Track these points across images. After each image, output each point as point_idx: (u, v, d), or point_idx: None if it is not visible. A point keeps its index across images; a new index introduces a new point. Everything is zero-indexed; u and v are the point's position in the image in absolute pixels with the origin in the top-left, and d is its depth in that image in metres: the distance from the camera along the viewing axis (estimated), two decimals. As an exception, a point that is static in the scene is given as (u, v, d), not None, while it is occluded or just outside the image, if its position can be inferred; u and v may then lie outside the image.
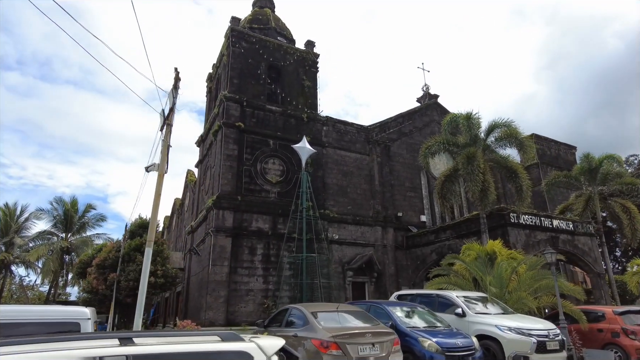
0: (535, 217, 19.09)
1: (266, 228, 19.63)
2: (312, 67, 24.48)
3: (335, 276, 20.80)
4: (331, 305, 8.86)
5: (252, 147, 20.76)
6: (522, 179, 16.64)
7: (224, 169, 19.58)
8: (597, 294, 20.47)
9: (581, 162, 22.12)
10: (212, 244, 18.29)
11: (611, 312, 12.08)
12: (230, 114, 20.63)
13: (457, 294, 11.29)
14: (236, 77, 21.79)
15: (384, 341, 7.45)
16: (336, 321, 7.99)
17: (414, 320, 9.47)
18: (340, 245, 21.49)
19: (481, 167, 16.31)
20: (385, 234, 22.90)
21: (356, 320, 8.25)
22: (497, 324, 9.52)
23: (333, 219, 21.58)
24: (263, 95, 22.29)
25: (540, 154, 30.37)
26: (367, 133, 24.63)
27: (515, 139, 16.91)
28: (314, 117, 22.94)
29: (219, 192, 19.14)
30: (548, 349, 9.17)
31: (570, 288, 12.55)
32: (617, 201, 21.67)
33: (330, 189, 22.37)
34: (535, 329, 9.41)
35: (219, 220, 18.61)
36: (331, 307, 8.68)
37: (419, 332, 8.72)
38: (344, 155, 23.49)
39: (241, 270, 18.67)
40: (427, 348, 8.28)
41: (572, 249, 19.98)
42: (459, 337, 8.88)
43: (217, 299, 17.66)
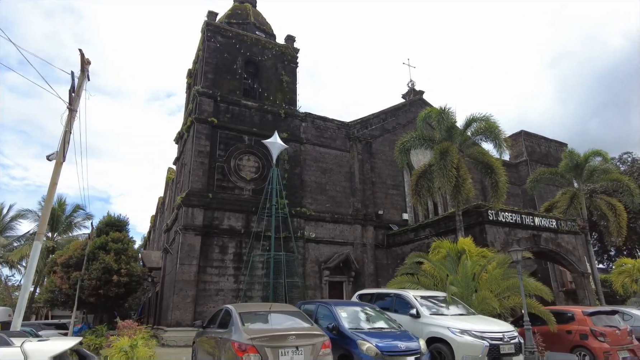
0: (515, 215, 18.46)
1: (239, 226, 19.12)
2: (291, 62, 23.95)
3: (311, 275, 20.29)
4: (265, 305, 8.32)
5: (225, 144, 20.26)
6: (499, 174, 16.02)
7: (194, 165, 19.10)
8: (581, 294, 19.80)
9: (565, 158, 21.45)
10: (180, 243, 17.80)
11: (580, 313, 11.46)
12: (203, 109, 20.14)
13: (414, 293, 10.73)
14: (211, 72, 21.31)
15: (311, 344, 6.91)
16: (264, 322, 7.47)
17: (359, 322, 8.92)
18: (317, 243, 20.95)
19: (454, 162, 15.71)
20: (365, 233, 22.33)
21: (289, 321, 7.70)
22: (450, 325, 8.95)
23: (310, 217, 21.05)
24: (239, 91, 21.80)
25: (529, 151, 29.73)
26: (347, 129, 24.08)
27: (491, 133, 16.28)
28: (292, 112, 22.42)
29: (188, 190, 18.66)
30: (502, 352, 8.59)
31: (538, 288, 11.93)
32: (603, 198, 21.00)
33: (309, 186, 21.83)
34: (490, 331, 8.83)
35: (187, 218, 18.11)
36: (264, 307, 8.14)
37: (360, 334, 8.16)
38: (324, 152, 22.95)
39: (211, 270, 18.17)
40: (366, 351, 7.72)
41: (555, 247, 19.33)
42: (404, 339, 8.31)
43: (184, 299, 17.17)
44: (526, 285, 11.12)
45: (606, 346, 10.74)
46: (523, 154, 29.52)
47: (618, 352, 10.84)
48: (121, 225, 18.80)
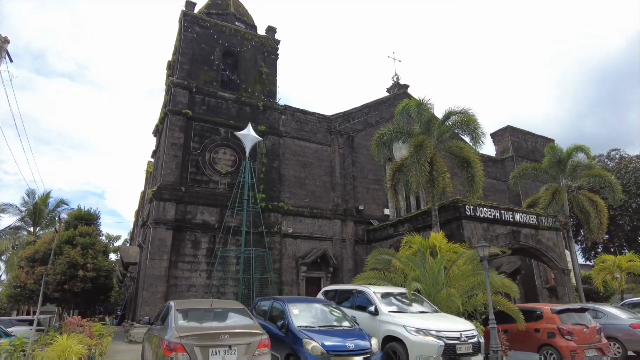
0: (494, 210, 18.14)
1: (212, 221, 18.69)
2: (271, 53, 23.45)
3: (288, 271, 19.93)
4: (206, 302, 7.92)
5: (200, 136, 19.79)
6: (475, 168, 15.65)
7: (167, 158, 18.63)
8: (561, 291, 19.53)
9: (548, 153, 21.11)
10: (151, 237, 17.37)
11: (549, 311, 11.15)
12: (178, 100, 19.64)
13: (375, 290, 10.36)
14: (187, 62, 20.79)
15: (246, 343, 6.52)
16: (201, 320, 7.07)
17: (311, 319, 8.54)
18: (294, 239, 20.56)
19: (428, 155, 15.32)
20: (345, 228, 21.96)
21: (229, 318, 7.32)
22: (406, 324, 8.58)
23: (288, 212, 20.64)
24: (216, 82, 21.29)
25: (515, 146, 29.39)
26: (329, 123, 23.64)
27: (468, 127, 15.88)
28: (271, 105, 21.94)
29: (160, 183, 18.20)
30: (458, 352, 8.24)
31: (505, 285, 11.59)
32: (585, 194, 20.70)
33: (287, 180, 21.41)
34: (447, 330, 8.47)
35: (159, 212, 17.66)
36: (205, 303, 7.75)
37: (308, 333, 7.78)
38: (304, 146, 22.51)
39: (183, 265, 17.76)
40: (310, 351, 7.36)
41: (536, 244, 19.03)
42: (355, 338, 7.96)
43: (154, 294, 16.75)
44: (492, 282, 10.75)
45: (573, 345, 10.43)
46: (509, 150, 29.17)
47: (585, 351, 10.54)
48: (91, 219, 18.34)
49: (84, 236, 16.63)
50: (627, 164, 30.98)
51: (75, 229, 16.52)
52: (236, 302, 8.51)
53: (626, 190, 30.44)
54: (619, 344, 12.51)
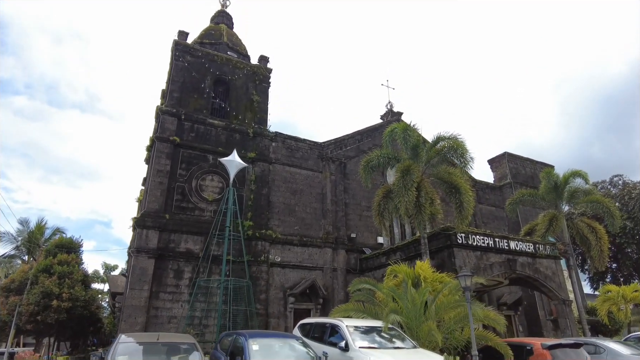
0: (488, 238, 17.45)
1: (197, 249, 18.18)
2: (263, 81, 23.58)
3: (275, 302, 19.17)
4: (153, 336, 7.36)
5: (188, 163, 19.60)
6: (464, 194, 15.13)
7: (152, 185, 18.38)
8: (562, 323, 18.50)
9: (543, 179, 20.52)
10: (132, 266, 16.89)
11: (539, 346, 10.32)
12: (166, 127, 19.59)
13: (349, 323, 9.70)
14: (177, 90, 20.91)
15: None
16: (143, 355, 6.51)
17: (271, 356, 7.90)
18: (283, 268, 19.91)
19: (415, 181, 14.88)
20: (336, 257, 21.28)
21: (174, 354, 6.74)
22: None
23: (277, 240, 20.09)
24: (206, 109, 21.32)
25: (513, 173, 28.81)
26: (320, 150, 23.41)
27: (455, 152, 15.48)
28: (261, 132, 21.82)
29: (144, 210, 17.88)
30: (428, 392, 7.51)
31: (490, 317, 10.82)
32: (584, 221, 19.93)
33: (276, 207, 20.98)
34: (417, 367, 7.77)
35: (141, 240, 17.23)
36: (153, 337, 7.20)
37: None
38: (294, 172, 22.20)
39: (164, 295, 17.14)
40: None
41: (533, 273, 18.18)
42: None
43: (133, 326, 16.05)
44: (475, 314, 10.03)
45: (566, 384, 9.59)
46: (507, 176, 28.59)
47: (580, 391, 9.67)
48: (73, 247, 17.93)
49: (62, 265, 16.20)
50: (630, 190, 30.13)
51: (55, 257, 16.10)
52: (187, 336, 7.93)
53: (631, 217, 29.53)
54: (621, 383, 11.54)
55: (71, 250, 17.67)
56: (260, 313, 18.53)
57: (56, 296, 15.01)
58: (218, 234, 16.18)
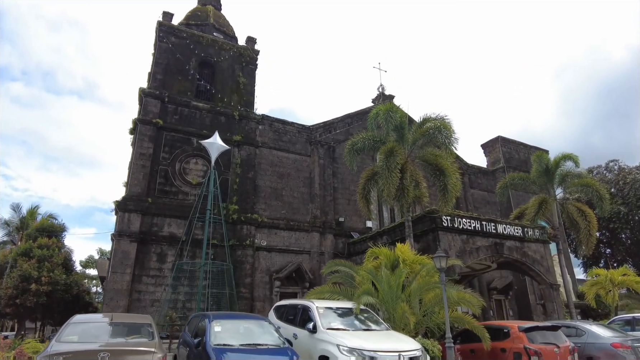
0: (474, 221, 17.22)
1: (180, 233, 17.97)
2: (250, 63, 23.10)
3: (260, 286, 19.05)
4: (108, 316, 7.14)
5: (171, 146, 19.28)
6: (448, 177, 14.80)
7: (135, 168, 18.10)
8: (549, 307, 18.38)
9: (535, 162, 20.18)
10: (114, 250, 16.72)
11: (516, 329, 10.14)
12: (149, 110, 19.23)
13: (320, 304, 9.51)
14: (160, 72, 20.47)
15: (130, 364, 5.73)
16: (92, 335, 6.29)
17: (234, 337, 7.70)
18: (269, 252, 19.74)
19: (399, 163, 14.56)
20: (324, 241, 21.10)
21: (126, 335, 6.54)
22: (340, 343, 7.70)
23: (263, 224, 19.87)
24: (190, 92, 20.91)
25: (507, 157, 28.45)
26: (309, 133, 23.04)
27: (440, 133, 15.10)
28: (248, 115, 21.43)
29: (125, 194, 17.64)
30: (394, 374, 7.32)
31: (465, 299, 10.61)
32: (575, 205, 19.65)
33: (263, 191, 20.72)
34: (384, 350, 7.57)
35: (123, 224, 17.03)
36: (106, 317, 6.99)
37: (222, 352, 6.97)
38: (282, 156, 21.88)
39: (147, 279, 17.01)
40: (218, 372, 6.53)
41: (521, 257, 17.98)
42: (275, 358, 7.11)
43: (115, 309, 15.90)
44: (449, 296, 9.81)
45: (541, 367, 9.40)
46: (500, 161, 28.24)
47: (555, 374, 9.51)
48: (55, 231, 17.72)
49: (42, 248, 16.02)
50: (626, 175, 29.76)
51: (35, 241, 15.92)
52: (145, 317, 7.72)
53: (625, 202, 29.22)
54: (600, 365, 11.38)
55: (52, 234, 17.47)
56: (246, 297, 18.43)
57: (35, 280, 14.87)
58: (198, 217, 15.91)
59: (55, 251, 16.29)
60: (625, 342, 11.32)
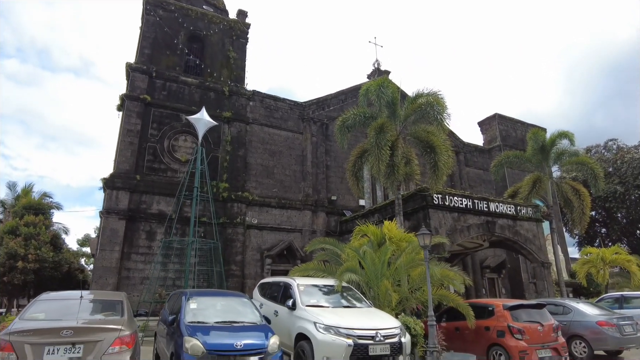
0: (466, 199, 17.00)
1: (169, 211, 17.75)
2: (240, 37, 22.45)
3: (252, 264, 19.05)
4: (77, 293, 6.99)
5: (159, 122, 18.93)
6: (439, 154, 14.50)
7: (122, 145, 17.81)
8: (540, 286, 18.41)
9: (530, 140, 19.83)
10: (102, 227, 16.61)
11: (501, 307, 10.06)
12: (136, 85, 18.78)
13: (301, 281, 9.39)
14: (148, 47, 19.91)
15: (95, 340, 5.60)
16: (58, 312, 6.16)
17: (210, 314, 7.58)
18: (260, 230, 19.64)
19: (389, 139, 14.25)
20: (316, 219, 20.98)
21: (93, 312, 6.42)
22: (317, 320, 7.59)
23: (254, 202, 19.70)
24: (179, 67, 20.39)
25: (503, 135, 28.06)
26: (301, 110, 22.61)
27: (432, 109, 14.70)
28: (238, 90, 20.96)
29: (113, 171, 17.40)
30: (371, 354, 7.21)
31: (448, 277, 10.49)
32: (569, 183, 19.41)
33: (254, 169, 20.46)
34: (361, 328, 7.45)
35: (111, 202, 16.87)
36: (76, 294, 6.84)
37: (196, 329, 6.85)
38: (273, 133, 21.53)
39: (136, 257, 16.97)
40: (189, 349, 6.42)
41: (513, 235, 17.85)
42: (251, 335, 7.00)
43: (104, 287, 15.93)
44: (431, 273, 9.68)
45: (523, 345, 9.34)
46: (497, 139, 27.86)
47: (537, 351, 9.45)
48: (41, 208, 17.57)
49: (29, 226, 15.90)
50: (624, 155, 29.42)
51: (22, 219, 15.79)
52: (118, 294, 7.58)
53: (622, 181, 28.99)
54: (585, 342, 11.39)
55: (39, 212, 17.34)
56: (237, 274, 18.44)
57: (22, 257, 14.80)
58: (186, 195, 15.71)
59: (42, 229, 16.18)
60: (611, 320, 11.31)
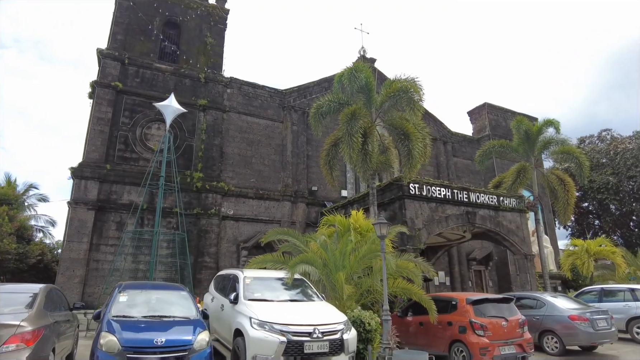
0: (445, 189, 16.43)
1: (141, 201, 17.30)
2: (219, 23, 21.78)
3: (227, 256, 18.60)
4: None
5: (132, 110, 18.37)
6: (413, 141, 13.89)
7: (92, 134, 17.30)
8: (523, 278, 17.89)
9: (514, 128, 19.20)
10: (70, 218, 16.15)
11: (464, 301, 9.56)
12: (107, 72, 18.20)
13: (249, 274, 8.92)
14: (121, 32, 19.27)
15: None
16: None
17: (139, 308, 7.12)
18: (236, 221, 19.17)
19: (361, 126, 13.68)
20: (295, 210, 20.48)
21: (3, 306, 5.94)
22: (252, 315, 7.11)
23: (230, 193, 19.20)
24: (153, 53, 19.76)
25: (493, 125, 27.37)
26: (282, 98, 21.99)
27: (405, 94, 14.07)
28: (214, 77, 20.35)
29: (82, 160, 16.91)
30: (307, 351, 6.73)
31: (409, 269, 9.97)
32: (555, 173, 18.81)
33: (231, 159, 19.93)
34: (298, 323, 6.95)
35: (79, 192, 16.39)
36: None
37: (116, 324, 6.40)
38: (252, 122, 20.95)
39: (106, 248, 16.53)
40: (104, 346, 5.97)
41: (494, 226, 17.29)
42: (177, 331, 6.54)
43: (70, 279, 15.58)
44: (388, 265, 9.17)
45: (485, 341, 8.86)
46: (486, 129, 27.18)
47: (500, 348, 8.98)
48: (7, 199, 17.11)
49: (-11, 217, 15.51)
50: (617, 145, 28.69)
51: (-16, 210, 15.40)
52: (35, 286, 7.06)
53: (615, 172, 28.31)
54: (557, 337, 10.92)
55: (4, 202, 16.89)
56: (211, 266, 18.00)
57: (-19, 249, 14.43)
58: (151, 184, 15.21)
59: (6, 220, 15.76)
60: (584, 314, 10.83)
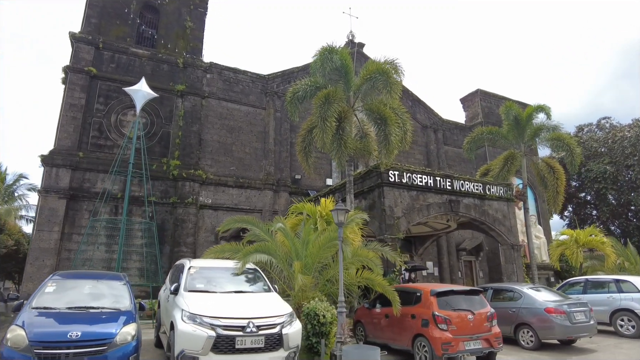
0: (427, 177, 15.82)
1: (115, 190, 16.88)
2: (199, 7, 21.09)
3: (205, 246, 18.06)
4: None
5: (106, 96, 17.85)
6: (390, 126, 13.27)
7: (64, 120, 16.82)
8: (509, 269, 17.28)
9: (502, 114, 18.45)
10: (40, 207, 15.76)
11: (428, 293, 8.99)
12: (80, 57, 17.66)
13: (195, 263, 8.45)
14: (95, 16, 18.67)
15: None
16: None
17: (66, 299, 6.66)
18: (215, 210, 18.70)
19: (336, 111, 13.07)
20: (278, 199, 19.98)
21: None
22: (185, 307, 6.62)
23: (208, 181, 18.72)
24: (130, 38, 19.17)
25: (485, 112, 26.54)
26: (264, 83, 21.35)
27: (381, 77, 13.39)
28: (193, 62, 19.73)
29: (53, 147, 16.45)
30: (238, 346, 6.22)
31: (369, 258, 9.41)
32: (545, 160, 18.09)
33: (209, 146, 19.40)
34: (231, 317, 6.43)
35: (50, 180, 15.98)
36: None
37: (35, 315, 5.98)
38: (232, 108, 20.36)
39: (78, 237, 16.13)
40: (9, 341, 5.51)
41: (480, 215, 16.68)
42: (98, 325, 6.06)
43: (40, 269, 15.21)
44: (345, 254, 8.63)
45: (448, 336, 8.30)
46: (479, 116, 26.38)
47: (465, 343, 8.42)
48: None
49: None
50: (615, 133, 27.79)
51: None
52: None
53: (613, 161, 27.45)
54: (532, 331, 10.37)
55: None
56: (187, 257, 17.56)
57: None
58: (118, 171, 14.71)
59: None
60: (560, 307, 10.25)
